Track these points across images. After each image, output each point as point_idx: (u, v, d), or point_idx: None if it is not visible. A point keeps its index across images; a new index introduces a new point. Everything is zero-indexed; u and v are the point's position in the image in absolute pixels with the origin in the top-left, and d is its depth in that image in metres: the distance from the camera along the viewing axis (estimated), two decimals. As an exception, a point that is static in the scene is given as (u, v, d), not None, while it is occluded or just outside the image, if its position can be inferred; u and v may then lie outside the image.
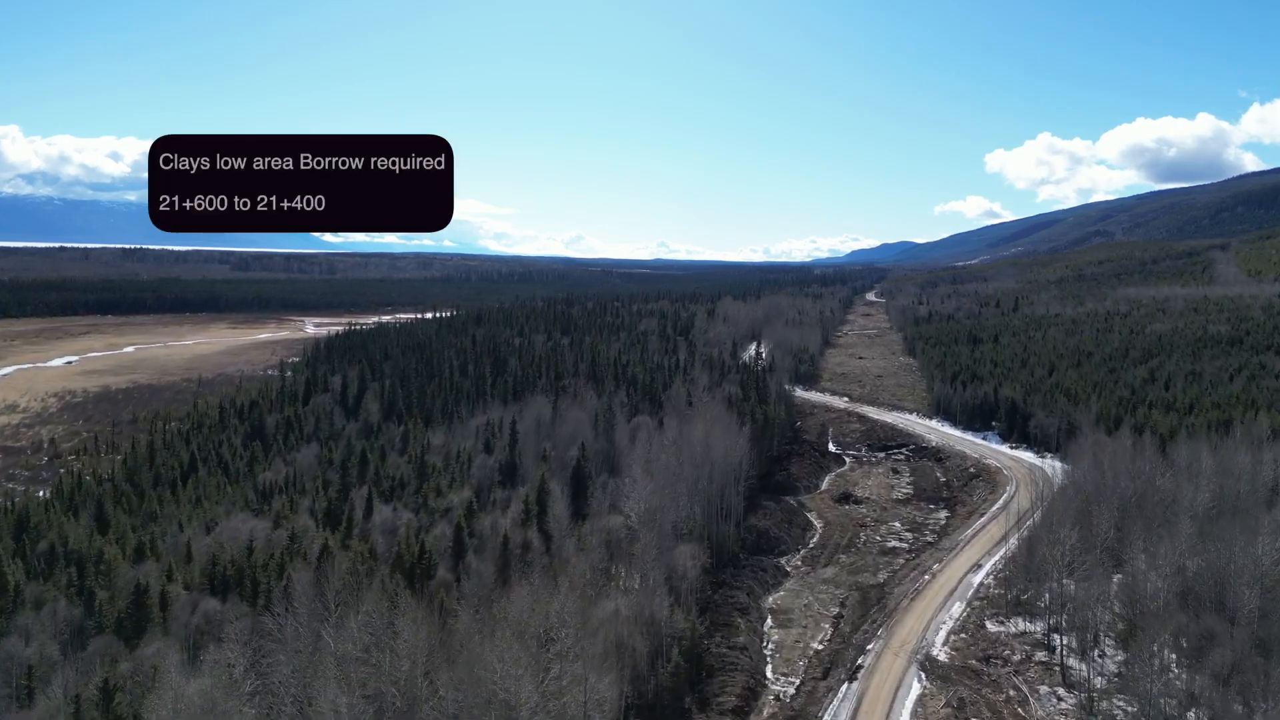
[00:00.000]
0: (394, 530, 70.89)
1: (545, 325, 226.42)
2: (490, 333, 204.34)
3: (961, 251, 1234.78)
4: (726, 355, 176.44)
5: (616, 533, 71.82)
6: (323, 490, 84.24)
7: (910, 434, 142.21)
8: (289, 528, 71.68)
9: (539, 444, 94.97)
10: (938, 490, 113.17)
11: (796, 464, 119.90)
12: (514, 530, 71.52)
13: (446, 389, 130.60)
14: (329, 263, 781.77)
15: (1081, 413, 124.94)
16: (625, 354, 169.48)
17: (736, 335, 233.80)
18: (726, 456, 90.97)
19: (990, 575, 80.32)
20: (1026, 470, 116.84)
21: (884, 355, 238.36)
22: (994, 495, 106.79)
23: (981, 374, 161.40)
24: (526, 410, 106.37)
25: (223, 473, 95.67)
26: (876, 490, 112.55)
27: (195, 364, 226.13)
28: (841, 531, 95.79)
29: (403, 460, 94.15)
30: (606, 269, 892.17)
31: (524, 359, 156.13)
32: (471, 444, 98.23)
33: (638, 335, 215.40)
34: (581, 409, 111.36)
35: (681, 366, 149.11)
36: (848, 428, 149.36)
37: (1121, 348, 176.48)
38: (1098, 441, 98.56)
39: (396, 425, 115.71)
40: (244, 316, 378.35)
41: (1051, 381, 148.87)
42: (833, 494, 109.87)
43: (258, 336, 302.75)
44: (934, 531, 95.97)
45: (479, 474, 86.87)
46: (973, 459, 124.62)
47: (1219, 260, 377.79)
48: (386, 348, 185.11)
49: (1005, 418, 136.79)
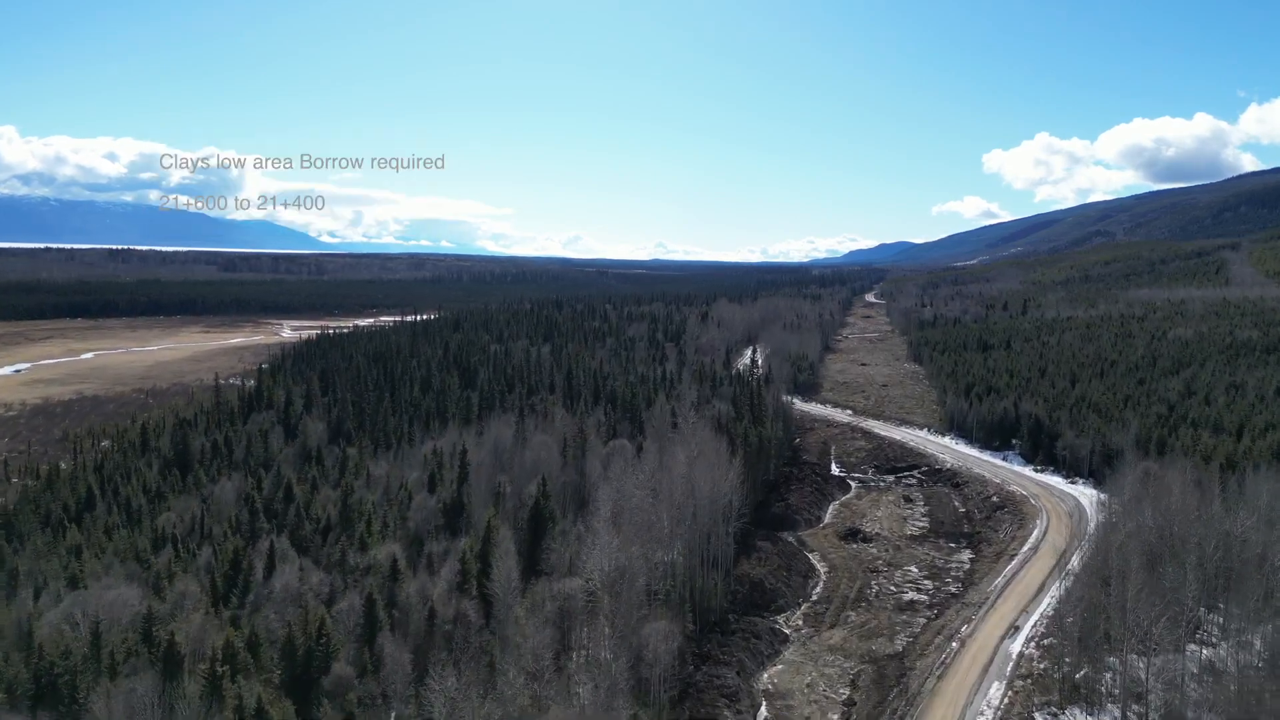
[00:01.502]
0: (298, 597, 56.80)
1: (528, 330, 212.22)
2: (466, 339, 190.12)
3: (960, 252, 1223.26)
4: (719, 364, 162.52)
5: (575, 600, 57.74)
6: (230, 535, 70.10)
7: (922, 454, 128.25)
8: (168, 595, 57.64)
9: (495, 477, 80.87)
10: (957, 523, 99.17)
11: (796, 491, 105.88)
12: (446, 599, 57.45)
13: (403, 406, 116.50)
14: (318, 263, 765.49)
15: (1116, 432, 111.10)
16: (609, 364, 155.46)
17: (731, 340, 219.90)
18: (714, 491, 77.05)
19: (1032, 642, 66.29)
20: (1056, 499, 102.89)
21: (888, 361, 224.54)
22: (1023, 531, 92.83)
23: (998, 386, 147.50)
24: (487, 434, 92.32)
25: (123, 511, 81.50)
26: (887, 523, 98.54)
27: (153, 372, 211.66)
28: (849, 578, 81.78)
29: (336, 496, 79.97)
30: (602, 270, 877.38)
31: (496, 370, 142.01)
32: (417, 476, 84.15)
33: (625, 341, 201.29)
34: (550, 432, 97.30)
35: (669, 379, 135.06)
36: (852, 445, 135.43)
37: (1147, 355, 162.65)
38: (1147, 471, 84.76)
39: (341, 449, 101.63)
40: (220, 320, 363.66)
41: (1076, 394, 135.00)
42: (838, 529, 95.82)
43: (229, 341, 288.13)
44: (957, 579, 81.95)
45: (417, 518, 72.82)
46: (994, 485, 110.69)
47: (1232, 260, 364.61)
48: (353, 356, 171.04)
49: (1028, 436, 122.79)
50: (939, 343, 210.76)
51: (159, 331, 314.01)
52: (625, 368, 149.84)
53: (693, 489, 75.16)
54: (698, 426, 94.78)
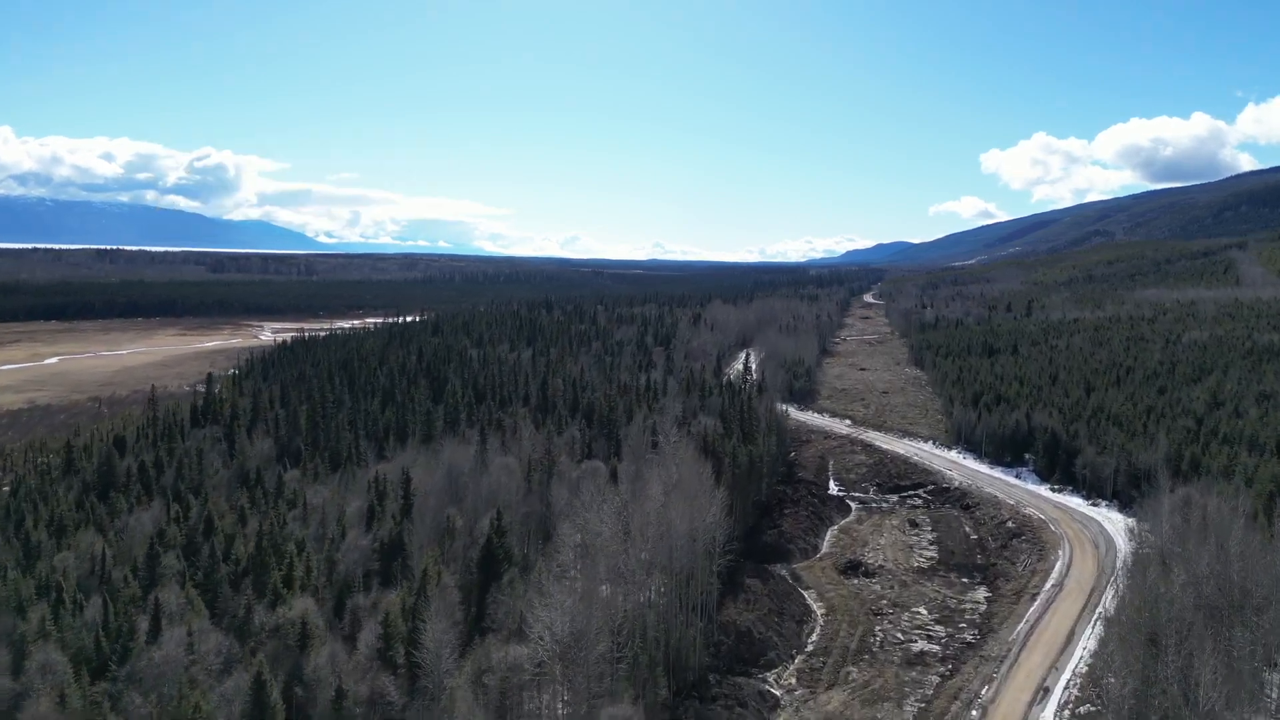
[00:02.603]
0: (183, 670, 46.69)
1: (510, 334, 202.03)
2: (444, 344, 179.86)
3: (958, 252, 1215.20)
4: (709, 371, 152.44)
5: (521, 672, 47.74)
6: (130, 581, 59.97)
7: (927, 470, 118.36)
8: (29, 666, 47.53)
9: (444, 508, 70.80)
10: (969, 553, 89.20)
11: (791, 516, 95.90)
12: (362, 671, 47.39)
13: (360, 420, 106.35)
14: (308, 263, 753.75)
15: (1142, 448, 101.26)
16: (590, 371, 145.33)
17: (724, 344, 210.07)
18: (695, 525, 67.22)
19: (1066, 709, 56.41)
20: (1079, 525, 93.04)
21: (888, 365, 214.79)
22: (1044, 564, 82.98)
23: (1007, 395, 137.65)
24: (446, 454, 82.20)
25: (22, 547, 71.24)
26: (891, 553, 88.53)
27: (116, 379, 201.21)
28: (850, 623, 71.84)
29: (265, 531, 69.74)
30: (598, 270, 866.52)
31: (469, 379, 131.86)
32: (357, 506, 74.02)
33: (612, 346, 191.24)
34: (517, 451, 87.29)
35: (654, 388, 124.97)
36: (851, 460, 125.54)
37: (1165, 361, 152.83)
38: (1188, 500, 74.90)
39: (287, 470, 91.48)
40: (200, 322, 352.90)
41: (1092, 404, 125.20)
42: (837, 560, 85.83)
43: (205, 345, 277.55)
44: (973, 624, 72.01)
45: (347, 560, 62.70)
46: (1008, 507, 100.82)
47: (1240, 260, 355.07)
48: (321, 362, 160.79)
49: (1043, 452, 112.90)
50: (941, 346, 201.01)
51: (134, 334, 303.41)
52: (608, 375, 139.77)
53: (673, 522, 65.32)
54: (680, 446, 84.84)
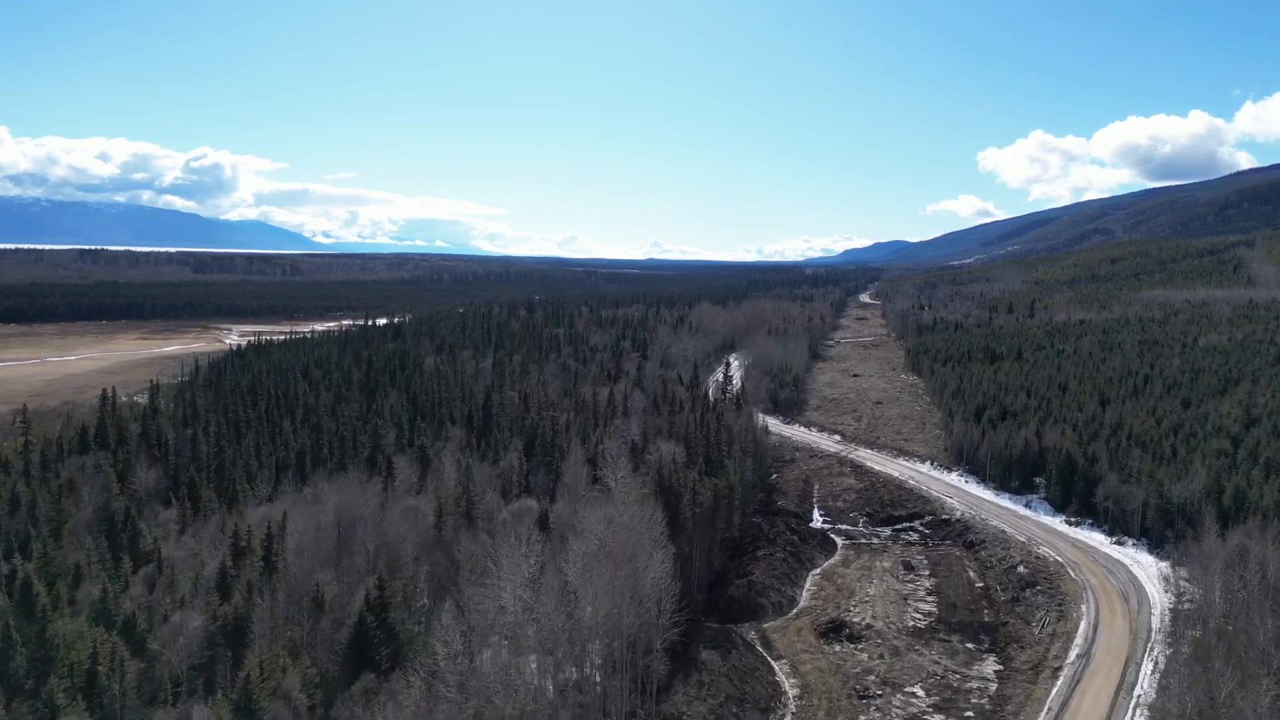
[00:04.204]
0: None
1: (477, 339, 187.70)
2: (401, 350, 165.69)
3: (956, 251, 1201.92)
4: (685, 382, 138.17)
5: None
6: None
7: (925, 497, 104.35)
8: None
9: (323, 568, 56.66)
10: (974, 606, 75.11)
11: (764, 558, 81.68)
12: None
13: (261, 445, 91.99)
14: (294, 264, 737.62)
15: (1171, 476, 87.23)
16: (552, 383, 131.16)
17: (708, 349, 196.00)
18: (642, 587, 53.52)
19: None
20: (1103, 571, 79.10)
21: (882, 371, 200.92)
22: (1065, 624, 68.96)
23: (1013, 407, 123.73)
24: (328, 498, 67.83)
25: None
26: (882, 606, 74.38)
27: (51, 388, 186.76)
28: (829, 708, 57.75)
29: (84, 605, 55.47)
30: (591, 270, 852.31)
31: (412, 392, 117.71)
32: (216, 564, 59.66)
33: (584, 351, 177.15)
34: (434, 488, 73.23)
35: (615, 404, 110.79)
36: (839, 485, 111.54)
37: (1186, 370, 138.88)
38: (1243, 551, 61.11)
39: (166, 509, 77.34)
40: (167, 325, 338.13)
41: (1110, 420, 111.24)
42: (816, 618, 71.60)
43: (164, 349, 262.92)
44: (981, 710, 57.91)
45: (178, 649, 48.46)
46: (1018, 545, 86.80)
47: (1250, 259, 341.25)
48: (260, 371, 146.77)
49: (1057, 478, 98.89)
50: (940, 351, 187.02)
51: (92, 338, 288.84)
52: (570, 388, 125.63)
53: (600, 589, 51.44)
54: (629, 482, 70.73)
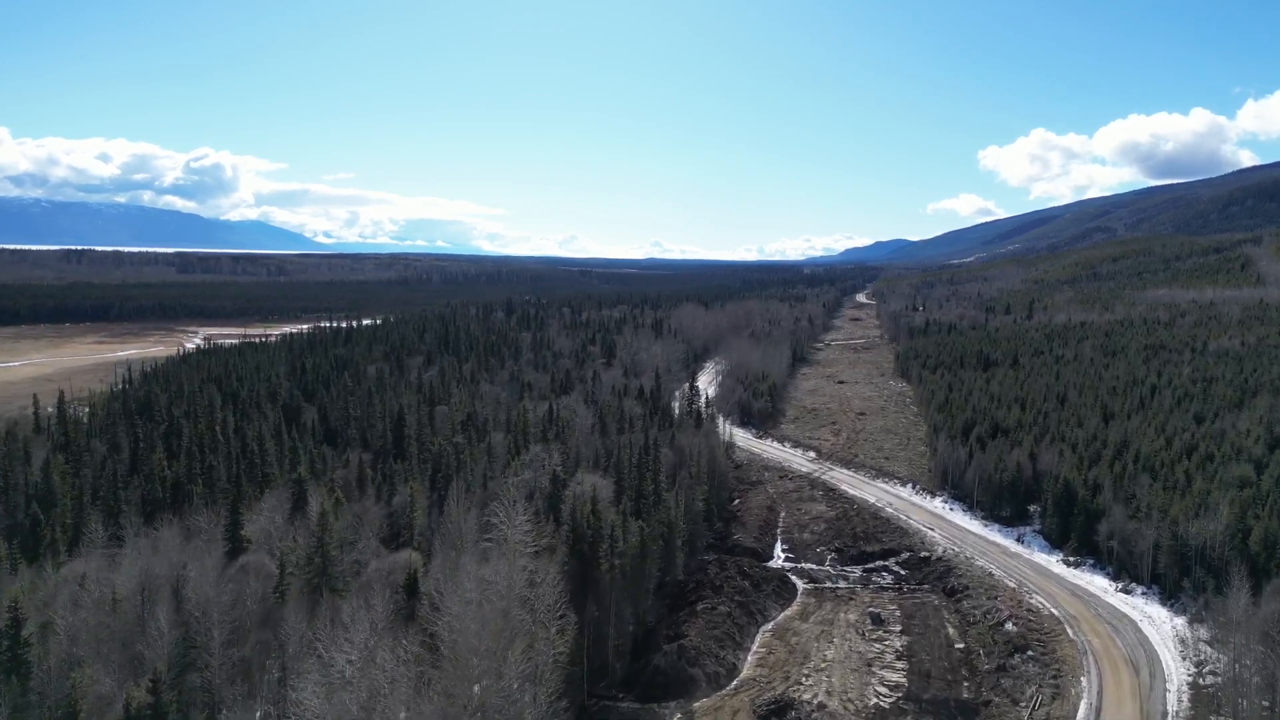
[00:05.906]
0: None
1: (432, 344, 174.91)
2: (346, 357, 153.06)
3: (956, 249, 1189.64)
4: (645, 394, 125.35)
5: None
6: None
7: (903, 530, 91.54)
8: None
9: (108, 654, 43.96)
10: (951, 677, 62.26)
11: (704, 612, 68.77)
12: None
13: (135, 473, 79.19)
14: (279, 264, 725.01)
15: (1187, 512, 74.41)
16: (492, 397, 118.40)
17: (682, 354, 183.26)
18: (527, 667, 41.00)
19: None
20: (1107, 629, 66.32)
21: (870, 377, 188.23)
22: (1061, 705, 56.07)
23: (1006, 423, 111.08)
24: (165, 543, 55.25)
25: None
26: (840, 678, 61.47)
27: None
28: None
29: None
30: (588, 269, 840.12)
31: (331, 409, 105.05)
32: None
33: (546, 358, 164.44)
34: (267, 548, 60.52)
35: (557, 422, 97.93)
36: (808, 513, 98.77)
37: (1197, 379, 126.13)
38: None
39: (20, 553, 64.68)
40: (131, 327, 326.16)
41: (1114, 438, 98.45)
42: (756, 700, 58.46)
43: (120, 354, 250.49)
44: (952, 836, 45.11)
45: None
46: (1007, 593, 74.05)
47: (1258, 257, 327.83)
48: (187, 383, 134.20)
49: (1053, 509, 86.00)
50: (930, 357, 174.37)
51: (46, 342, 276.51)
52: (512, 402, 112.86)
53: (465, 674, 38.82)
54: (527, 530, 57.90)
